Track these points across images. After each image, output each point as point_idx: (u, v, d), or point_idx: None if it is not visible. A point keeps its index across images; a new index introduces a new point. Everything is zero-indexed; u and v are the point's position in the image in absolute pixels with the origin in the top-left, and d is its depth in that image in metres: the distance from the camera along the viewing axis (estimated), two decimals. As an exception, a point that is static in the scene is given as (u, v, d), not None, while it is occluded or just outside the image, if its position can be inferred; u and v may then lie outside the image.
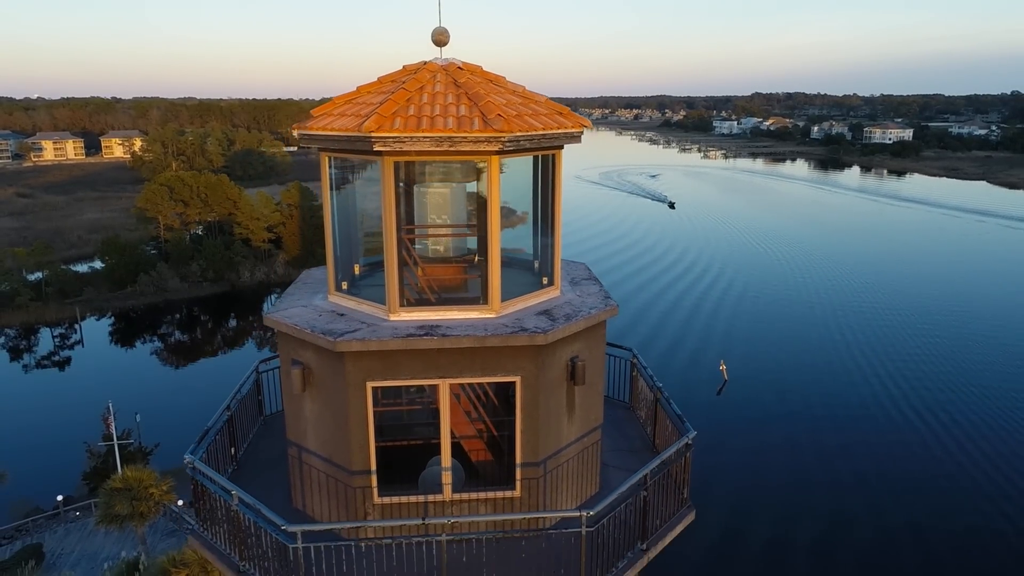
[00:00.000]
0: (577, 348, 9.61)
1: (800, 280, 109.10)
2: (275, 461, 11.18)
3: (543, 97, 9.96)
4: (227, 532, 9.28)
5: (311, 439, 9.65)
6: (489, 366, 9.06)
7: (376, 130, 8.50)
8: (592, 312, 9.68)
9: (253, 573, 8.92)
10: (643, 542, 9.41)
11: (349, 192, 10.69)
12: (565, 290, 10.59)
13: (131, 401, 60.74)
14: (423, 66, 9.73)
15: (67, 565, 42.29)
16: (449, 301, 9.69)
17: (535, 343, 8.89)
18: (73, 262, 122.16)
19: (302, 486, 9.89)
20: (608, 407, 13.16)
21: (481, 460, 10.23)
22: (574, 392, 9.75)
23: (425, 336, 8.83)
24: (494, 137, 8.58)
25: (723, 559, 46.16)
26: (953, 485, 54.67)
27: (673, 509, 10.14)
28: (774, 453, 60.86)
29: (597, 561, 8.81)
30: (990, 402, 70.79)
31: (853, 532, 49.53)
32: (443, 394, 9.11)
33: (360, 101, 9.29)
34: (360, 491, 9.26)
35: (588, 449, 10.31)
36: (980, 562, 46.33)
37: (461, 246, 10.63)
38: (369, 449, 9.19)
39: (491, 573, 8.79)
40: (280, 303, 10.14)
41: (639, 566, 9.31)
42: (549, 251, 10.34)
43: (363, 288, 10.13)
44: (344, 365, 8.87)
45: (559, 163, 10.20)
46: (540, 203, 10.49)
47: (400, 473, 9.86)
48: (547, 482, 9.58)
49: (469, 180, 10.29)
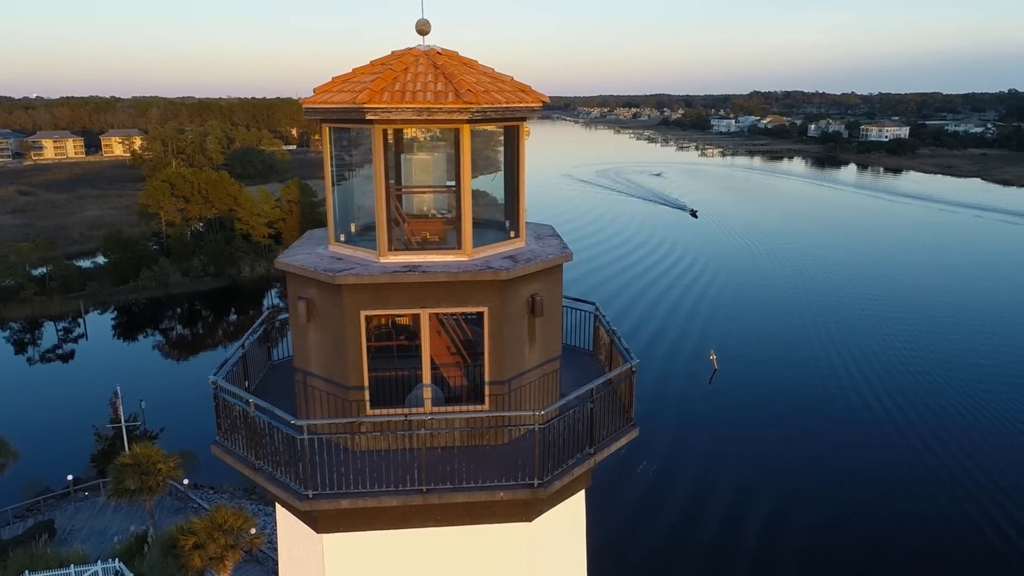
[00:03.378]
0: (536, 287, 11.50)
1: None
2: (283, 393, 13.04)
3: (509, 77, 11.84)
4: (244, 438, 11.17)
5: (314, 363, 11.53)
6: (461, 298, 10.96)
7: (367, 102, 10.38)
8: (549, 256, 11.58)
9: (265, 468, 10.81)
10: (591, 447, 11.31)
11: (345, 162, 12.58)
12: (530, 242, 12.47)
13: (134, 391, 62.57)
14: (407, 51, 11.62)
15: (78, 540, 44.19)
16: (430, 247, 11.59)
17: (499, 278, 10.78)
18: (76, 258, 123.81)
19: (307, 404, 11.76)
20: (574, 354, 15.10)
21: (458, 385, 12.09)
22: (535, 324, 11.63)
23: (408, 272, 10.72)
24: (464, 108, 10.47)
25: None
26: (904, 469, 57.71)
27: (619, 425, 12.04)
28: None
29: (550, 457, 10.71)
30: (966, 383, 72.97)
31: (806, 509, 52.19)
32: (424, 321, 11.01)
33: (355, 80, 11.17)
34: (355, 404, 11.14)
35: (548, 376, 12.19)
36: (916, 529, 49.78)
37: (442, 204, 12.51)
38: (363, 369, 11.08)
39: (463, 471, 10.67)
40: (288, 252, 12.02)
41: (587, 466, 11.21)
42: (515, 209, 12.23)
43: (358, 240, 12.01)
44: (342, 297, 10.75)
45: (523, 135, 12.08)
46: (508, 169, 12.37)
47: (389, 395, 11.72)
48: (511, 399, 11.46)
49: (447, 149, 12.17)
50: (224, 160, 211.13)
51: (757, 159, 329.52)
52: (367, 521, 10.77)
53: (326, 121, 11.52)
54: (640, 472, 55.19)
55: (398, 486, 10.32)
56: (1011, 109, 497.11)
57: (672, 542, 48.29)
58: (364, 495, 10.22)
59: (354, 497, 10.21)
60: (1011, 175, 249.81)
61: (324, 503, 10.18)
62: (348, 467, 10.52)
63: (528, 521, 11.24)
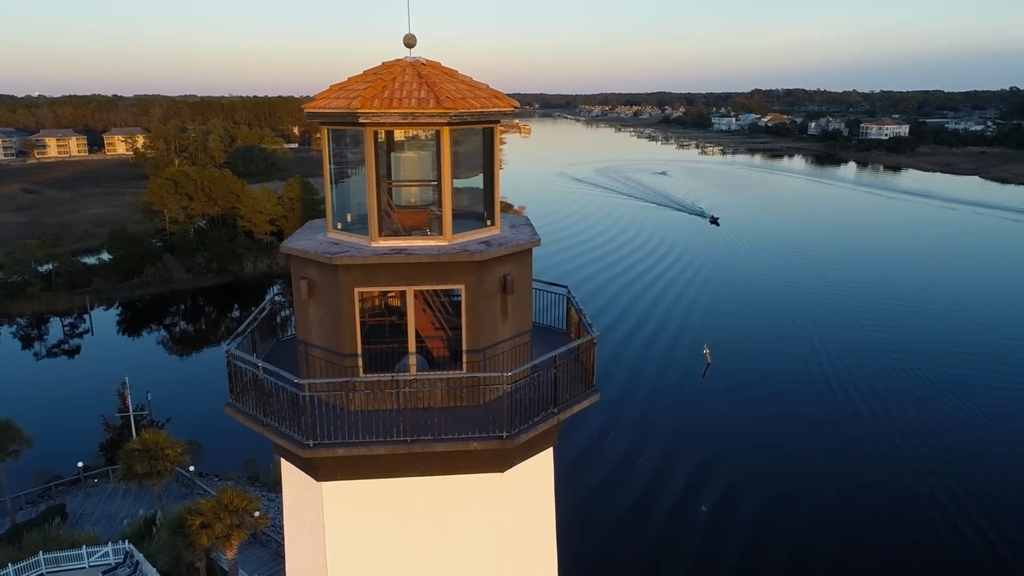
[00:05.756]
0: (508, 268, 13.17)
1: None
2: (286, 364, 14.69)
3: (485, 85, 13.51)
4: (254, 398, 12.86)
5: (314, 334, 13.21)
6: (442, 277, 12.64)
7: (360, 108, 12.05)
8: (519, 242, 13.25)
9: (272, 423, 12.50)
10: (555, 407, 12.99)
11: (342, 160, 14.26)
12: (505, 231, 14.13)
13: (140, 384, 64.32)
14: (396, 62, 13.28)
15: (89, 523, 45.94)
16: (415, 233, 13.25)
17: (474, 259, 12.45)
18: (80, 254, 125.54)
19: (308, 370, 13.43)
20: (548, 333, 16.75)
21: (440, 355, 13.77)
22: (507, 300, 13.30)
23: (396, 255, 12.40)
24: (444, 113, 12.14)
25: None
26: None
27: (581, 390, 13.73)
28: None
29: (518, 414, 12.39)
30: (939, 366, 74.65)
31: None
32: (409, 297, 12.69)
33: (350, 88, 12.84)
34: (350, 370, 12.81)
35: (519, 348, 13.85)
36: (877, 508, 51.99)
37: (427, 196, 14.17)
38: (356, 338, 12.75)
39: (442, 426, 12.34)
40: (291, 238, 13.69)
41: (551, 423, 12.88)
42: (491, 200, 13.91)
43: (352, 228, 13.69)
44: (338, 276, 12.42)
45: (497, 135, 13.77)
46: (485, 165, 14.04)
47: (381, 365, 13.38)
48: (486, 365, 13.12)
49: (431, 148, 13.83)
50: (226, 158, 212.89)
51: (757, 157, 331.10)
52: (360, 470, 12.45)
53: (325, 123, 13.20)
54: (617, 450, 56.92)
55: (386, 437, 12.00)
56: (1012, 107, 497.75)
57: (649, 520, 50.12)
58: (357, 444, 11.90)
59: (348, 446, 11.89)
60: (1009, 173, 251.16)
61: (323, 451, 11.86)
62: (343, 422, 12.20)
63: (501, 472, 12.92)
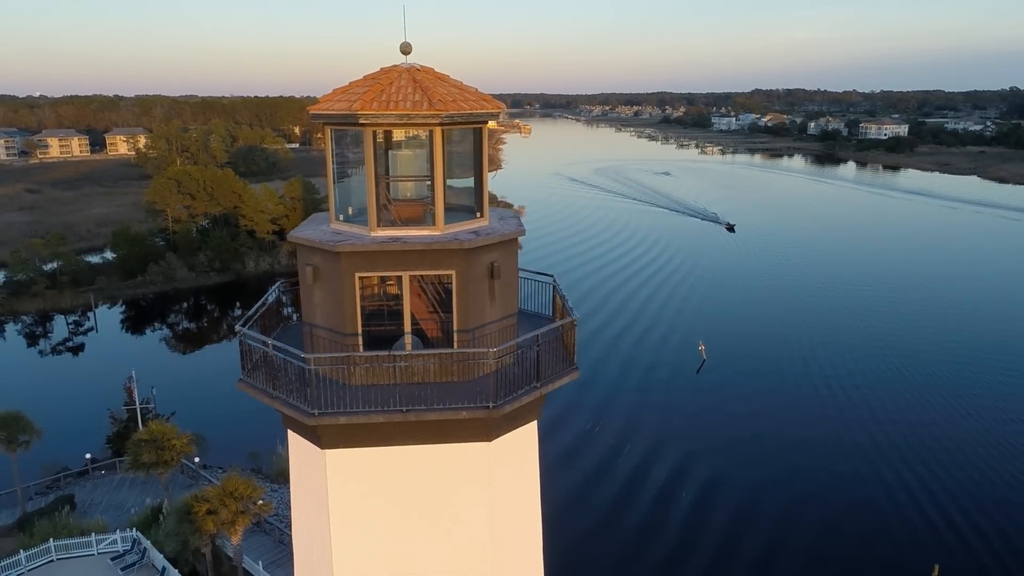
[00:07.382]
0: (495, 256, 14.44)
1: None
2: (293, 344, 15.96)
3: (474, 89, 14.78)
4: (264, 374, 14.14)
5: (319, 316, 14.49)
6: (434, 263, 13.91)
7: (360, 109, 13.33)
8: (506, 232, 14.53)
9: (280, 395, 13.78)
10: (538, 381, 14.27)
11: (344, 157, 15.54)
12: (493, 222, 15.40)
13: (144, 380, 65.55)
14: (393, 68, 14.57)
15: (97, 512, 47.27)
16: (410, 224, 14.54)
17: (463, 247, 13.73)
18: (84, 253, 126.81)
19: (313, 349, 14.70)
20: (535, 318, 18.02)
21: (434, 336, 15.05)
22: (494, 286, 14.57)
23: (392, 243, 13.68)
24: (436, 114, 13.42)
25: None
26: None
27: (563, 367, 15.01)
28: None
29: (504, 387, 13.67)
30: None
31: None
32: (405, 282, 13.98)
33: (350, 91, 14.13)
34: (351, 348, 14.09)
35: (506, 329, 15.12)
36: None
37: (421, 190, 15.44)
38: (357, 319, 14.03)
39: (435, 397, 13.62)
40: (297, 229, 14.96)
41: (534, 395, 14.16)
42: (480, 194, 15.20)
43: (353, 219, 14.97)
44: (340, 262, 13.69)
45: (485, 134, 15.05)
46: (475, 162, 15.33)
47: (379, 345, 14.65)
48: (475, 343, 14.40)
49: (425, 147, 15.10)
50: (228, 158, 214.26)
51: (757, 157, 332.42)
52: (360, 438, 13.72)
53: (328, 124, 14.49)
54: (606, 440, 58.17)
55: (384, 407, 13.28)
56: (1012, 107, 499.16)
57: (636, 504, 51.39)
58: (357, 413, 13.18)
59: (350, 415, 13.17)
60: (1007, 172, 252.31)
61: (326, 419, 13.13)
62: (345, 395, 13.47)
63: (488, 441, 14.20)
